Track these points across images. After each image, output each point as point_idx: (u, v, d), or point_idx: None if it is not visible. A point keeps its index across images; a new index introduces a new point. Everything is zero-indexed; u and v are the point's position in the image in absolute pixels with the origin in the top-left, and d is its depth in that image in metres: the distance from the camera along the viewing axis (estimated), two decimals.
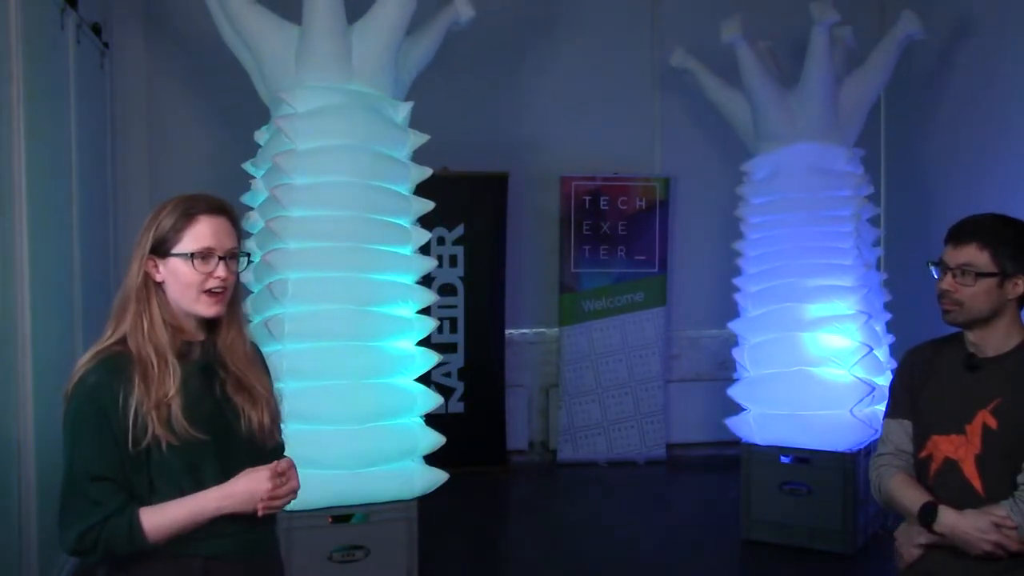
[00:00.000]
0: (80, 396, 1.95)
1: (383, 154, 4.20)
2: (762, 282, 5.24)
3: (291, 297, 3.95)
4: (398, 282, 4.16)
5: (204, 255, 2.00)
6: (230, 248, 2.04)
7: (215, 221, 2.03)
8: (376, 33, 4.20)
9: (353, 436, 3.96)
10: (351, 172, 4.08)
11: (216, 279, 2.01)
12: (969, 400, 2.36)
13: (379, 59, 4.22)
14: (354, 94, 4.17)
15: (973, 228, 2.36)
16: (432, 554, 4.72)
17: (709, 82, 5.68)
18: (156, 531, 1.93)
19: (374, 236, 4.12)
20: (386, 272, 4.13)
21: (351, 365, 4.00)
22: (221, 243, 2.02)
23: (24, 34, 3.82)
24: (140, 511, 1.93)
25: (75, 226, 4.72)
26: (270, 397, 2.13)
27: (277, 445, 2.15)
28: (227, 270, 2.03)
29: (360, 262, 4.07)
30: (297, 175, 4.03)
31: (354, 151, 4.09)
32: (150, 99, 6.22)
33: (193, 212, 2.02)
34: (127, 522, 1.92)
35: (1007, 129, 5.40)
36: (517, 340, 6.85)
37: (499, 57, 6.71)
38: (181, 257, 2.00)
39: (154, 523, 1.93)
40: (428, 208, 4.27)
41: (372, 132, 4.16)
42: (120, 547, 1.92)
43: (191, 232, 2.01)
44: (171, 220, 2.01)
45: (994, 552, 2.24)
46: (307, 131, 4.06)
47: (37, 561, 3.89)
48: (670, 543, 5.31)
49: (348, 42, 4.16)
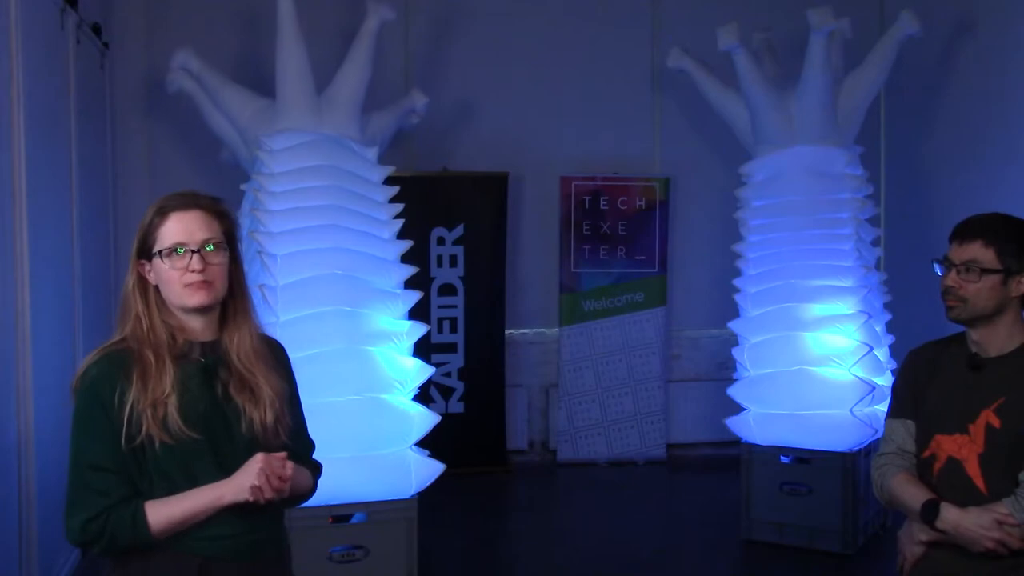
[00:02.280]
0: (83, 389, 1.99)
1: (353, 173, 4.47)
2: (762, 283, 5.24)
3: (280, 305, 4.05)
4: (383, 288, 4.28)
5: (176, 249, 2.01)
6: (204, 239, 2.02)
7: (186, 215, 2.03)
8: (341, 95, 4.64)
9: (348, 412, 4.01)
10: (325, 180, 4.36)
11: (192, 273, 2.01)
12: (972, 399, 2.36)
13: (346, 117, 4.62)
14: (325, 136, 4.52)
15: (978, 226, 2.38)
16: (432, 554, 4.72)
17: (706, 83, 5.66)
18: (159, 523, 1.95)
19: (353, 241, 4.31)
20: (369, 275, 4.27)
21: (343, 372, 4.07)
22: (192, 236, 2.02)
23: (24, 34, 3.82)
24: (146, 504, 1.95)
25: (75, 226, 4.72)
26: (275, 397, 2.10)
27: (283, 446, 2.09)
28: (203, 262, 2.02)
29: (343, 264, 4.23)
30: (275, 186, 4.31)
31: (327, 169, 4.39)
32: (150, 99, 6.22)
33: (166, 210, 2.04)
34: (131, 513, 1.94)
35: (1008, 128, 5.40)
36: (517, 340, 6.85)
37: (499, 57, 6.71)
38: (158, 256, 2.02)
39: (158, 515, 1.95)
40: (399, 224, 4.48)
41: (344, 157, 4.48)
42: (123, 538, 1.94)
43: (163, 230, 2.02)
44: (148, 220, 2.05)
45: (996, 549, 2.24)
46: (282, 158, 4.39)
47: (39, 560, 3.89)
48: (670, 543, 5.31)
49: (318, 104, 4.58)
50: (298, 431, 2.21)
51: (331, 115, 4.57)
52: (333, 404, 3.97)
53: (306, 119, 4.51)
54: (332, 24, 5.80)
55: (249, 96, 4.84)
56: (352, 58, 4.72)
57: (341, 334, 4.09)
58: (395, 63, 6.46)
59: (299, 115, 4.51)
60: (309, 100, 4.55)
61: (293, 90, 4.54)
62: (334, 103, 4.61)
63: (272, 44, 4.60)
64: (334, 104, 4.60)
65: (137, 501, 1.95)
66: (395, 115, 5.20)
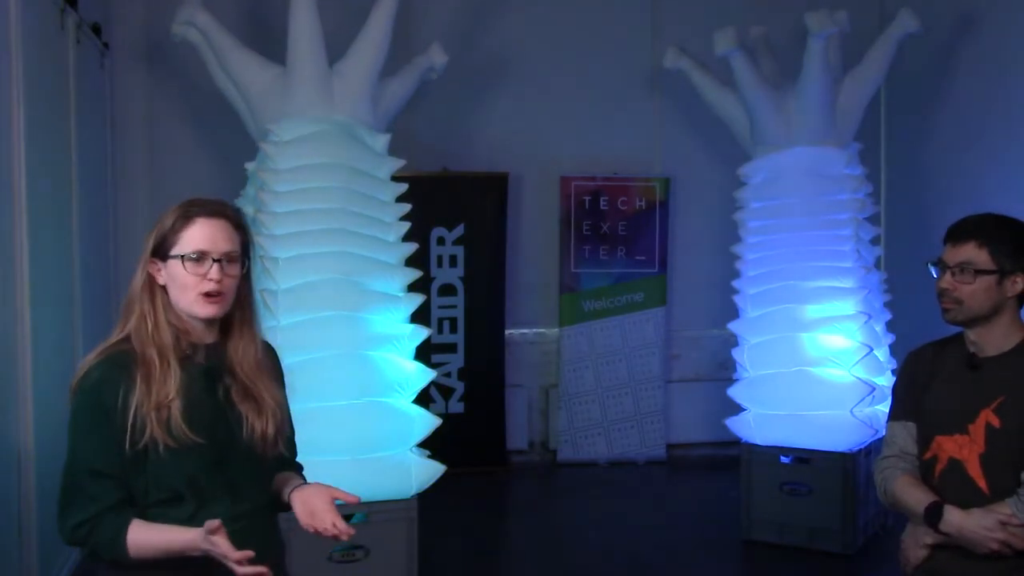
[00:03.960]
0: (83, 391, 1.97)
1: (361, 170, 4.39)
2: (762, 284, 5.24)
3: (281, 309, 4.04)
4: (386, 291, 4.27)
5: (197, 257, 2.00)
6: (227, 251, 2.02)
7: (213, 223, 2.02)
8: (354, 70, 4.49)
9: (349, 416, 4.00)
10: (332, 181, 4.29)
11: (210, 282, 2.00)
12: (971, 400, 2.36)
13: (358, 94, 4.52)
14: (335, 123, 4.39)
15: (971, 227, 2.39)
16: (432, 554, 4.72)
17: (704, 83, 5.65)
18: (137, 546, 1.94)
19: (358, 243, 4.27)
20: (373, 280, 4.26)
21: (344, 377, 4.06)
22: (216, 246, 2.01)
23: (24, 34, 3.82)
24: (132, 522, 1.94)
25: (75, 226, 4.72)
26: (277, 408, 2.10)
27: (279, 456, 2.13)
28: (222, 272, 2.01)
29: (346, 268, 4.20)
30: (279, 185, 4.25)
31: (334, 167, 4.30)
32: (150, 99, 6.22)
33: (192, 214, 2.03)
34: (116, 527, 1.93)
35: (1009, 126, 5.40)
36: (517, 340, 6.85)
37: (499, 57, 6.70)
38: (177, 259, 2.00)
39: (138, 538, 1.94)
40: (406, 227, 4.45)
41: (351, 154, 4.38)
42: (104, 549, 1.95)
43: (187, 234, 2.01)
44: (170, 222, 2.03)
45: (1001, 551, 2.25)
46: (289, 153, 4.30)
47: (37, 561, 3.89)
48: (670, 543, 5.31)
49: (329, 80, 4.43)
50: (290, 438, 2.23)
51: (343, 94, 4.44)
52: (334, 408, 3.97)
53: (316, 99, 4.38)
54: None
55: (259, 65, 4.59)
56: (369, 31, 4.55)
57: (342, 339, 4.08)
58: (393, 65, 6.44)
59: (310, 94, 4.37)
60: (321, 77, 4.40)
61: (304, 66, 4.38)
62: (348, 80, 4.46)
63: (283, 13, 4.48)
64: (347, 81, 4.46)
65: (126, 514, 1.95)
66: (412, 77, 4.95)
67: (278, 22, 4.57)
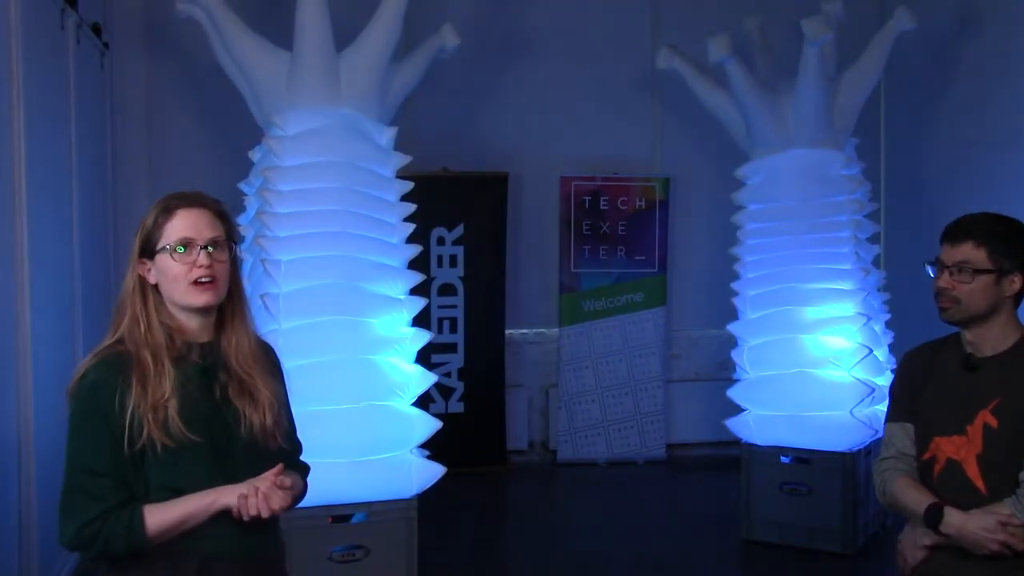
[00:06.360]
0: (80, 395, 1.98)
1: (366, 168, 4.36)
2: (761, 287, 5.24)
3: (283, 312, 4.02)
4: (387, 294, 4.25)
5: (183, 245, 2.01)
6: (211, 237, 2.04)
7: (193, 213, 2.04)
8: (363, 59, 4.42)
9: (349, 419, 3.99)
10: (336, 181, 4.26)
11: (200, 268, 2.01)
12: (969, 400, 2.36)
13: (366, 84, 4.44)
14: (341, 116, 4.33)
15: (969, 226, 2.39)
16: (432, 554, 4.72)
17: (698, 83, 5.63)
18: (155, 526, 1.94)
19: (361, 245, 4.24)
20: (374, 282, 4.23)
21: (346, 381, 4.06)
22: (200, 233, 2.03)
23: (24, 34, 3.82)
24: (144, 507, 1.95)
25: (75, 226, 4.72)
26: (274, 400, 2.11)
27: (280, 449, 2.12)
28: (211, 259, 2.02)
29: (348, 272, 4.17)
30: (283, 184, 4.21)
31: (339, 166, 4.27)
32: (150, 99, 6.22)
33: (172, 207, 2.05)
34: (128, 517, 1.93)
35: (1009, 125, 5.40)
36: (517, 340, 6.85)
37: (499, 56, 6.70)
38: (164, 252, 2.02)
39: (154, 519, 1.94)
40: (410, 229, 4.42)
41: (356, 151, 4.33)
42: (118, 542, 1.94)
43: (170, 226, 2.03)
44: (152, 219, 2.05)
45: (1001, 551, 2.25)
46: (294, 149, 4.25)
47: (38, 561, 3.89)
48: (670, 543, 5.31)
49: (336, 68, 4.36)
50: (290, 433, 2.22)
51: (351, 85, 4.36)
52: (335, 411, 3.97)
53: (322, 90, 4.31)
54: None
55: (265, 52, 4.48)
56: (379, 20, 4.46)
57: (344, 344, 4.07)
58: None
59: (316, 85, 4.30)
60: (328, 66, 4.32)
61: (312, 55, 4.30)
62: (356, 70, 4.37)
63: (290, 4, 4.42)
64: (355, 71, 4.37)
65: (134, 505, 1.95)
66: (424, 59, 4.83)
67: (286, 2, 4.51)
